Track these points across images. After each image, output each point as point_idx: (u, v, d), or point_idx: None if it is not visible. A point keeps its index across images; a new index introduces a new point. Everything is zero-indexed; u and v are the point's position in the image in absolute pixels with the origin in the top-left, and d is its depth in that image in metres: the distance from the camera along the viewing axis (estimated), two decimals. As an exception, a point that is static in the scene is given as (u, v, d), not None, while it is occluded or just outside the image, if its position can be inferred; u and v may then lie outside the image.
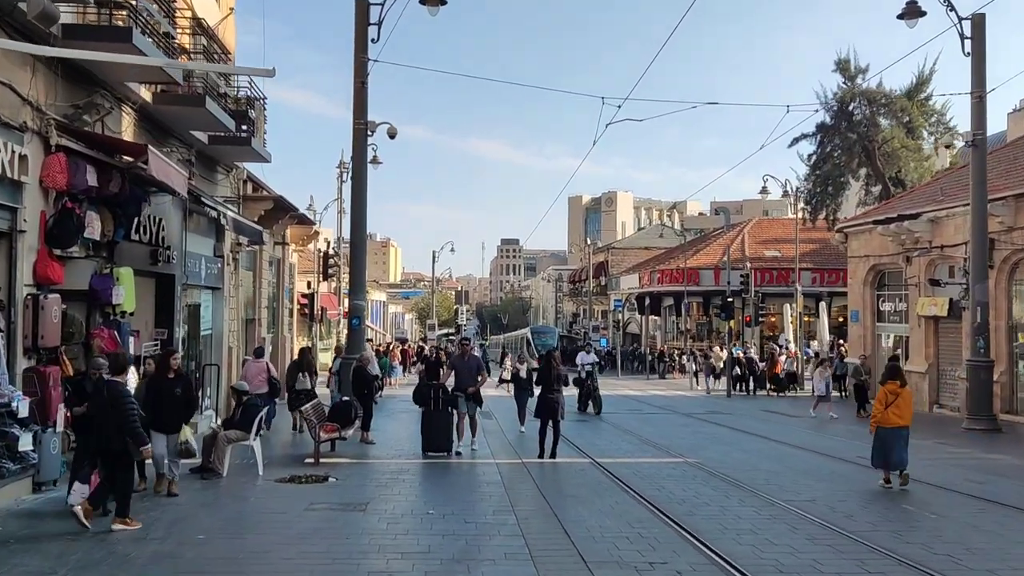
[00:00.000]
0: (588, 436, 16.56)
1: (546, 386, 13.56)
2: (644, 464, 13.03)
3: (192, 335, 17.55)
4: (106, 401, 8.26)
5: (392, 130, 18.09)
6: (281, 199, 20.65)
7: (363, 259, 17.62)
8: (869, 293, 27.56)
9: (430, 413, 13.60)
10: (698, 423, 20.00)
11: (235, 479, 10.94)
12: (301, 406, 14.51)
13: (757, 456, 14.13)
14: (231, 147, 16.43)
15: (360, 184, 17.46)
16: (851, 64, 37.49)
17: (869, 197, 44.93)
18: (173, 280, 14.75)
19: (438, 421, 13.52)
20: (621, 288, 61.58)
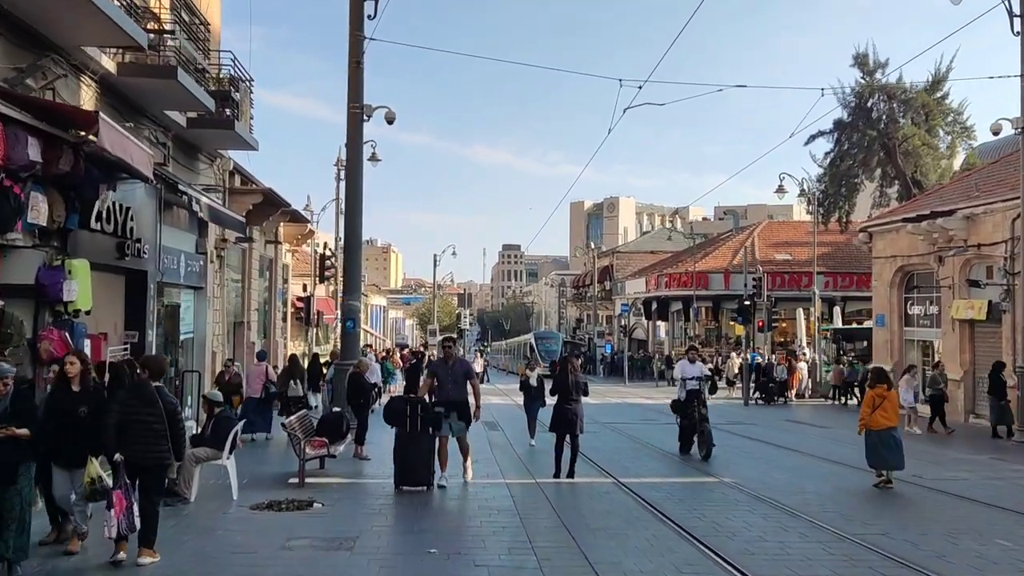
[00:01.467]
0: (606, 451, 14.98)
1: (563, 396, 12.00)
2: (675, 485, 11.47)
3: (171, 339, 16.03)
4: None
5: (390, 115, 16.57)
6: (271, 192, 19.12)
7: (358, 256, 16.11)
8: (896, 296, 26.01)
9: (405, 436, 10.66)
10: (723, 435, 18.33)
11: (204, 505, 9.39)
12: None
13: (799, 475, 12.56)
14: (213, 131, 14.91)
15: (355, 174, 15.96)
16: (870, 58, 35.98)
17: (884, 199, 43.46)
18: (146, 277, 13.22)
19: (416, 446, 10.62)
20: (626, 293, 60.02)
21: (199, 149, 15.93)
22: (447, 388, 10.88)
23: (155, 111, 13.17)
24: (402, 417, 10.72)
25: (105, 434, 7.15)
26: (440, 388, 10.97)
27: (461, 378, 10.97)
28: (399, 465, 10.68)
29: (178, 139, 14.78)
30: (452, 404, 10.82)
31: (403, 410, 10.79)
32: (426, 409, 10.75)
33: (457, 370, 11.01)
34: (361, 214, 16.11)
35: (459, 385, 10.94)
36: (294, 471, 11.07)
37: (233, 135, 15.23)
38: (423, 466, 10.66)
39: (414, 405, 10.85)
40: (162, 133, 13.84)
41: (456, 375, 10.94)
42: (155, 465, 7.30)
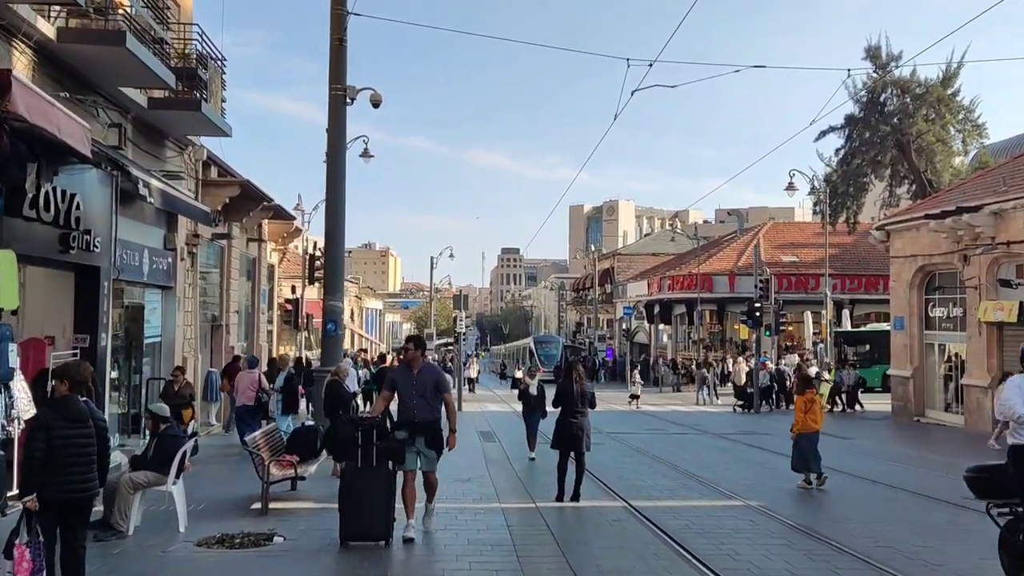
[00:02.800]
0: (613, 467, 13.55)
1: (566, 407, 10.54)
2: (695, 509, 10.02)
3: (134, 343, 14.62)
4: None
5: (376, 97, 15.12)
6: (249, 185, 17.70)
7: (340, 251, 14.65)
8: (916, 297, 24.53)
9: (355, 473, 7.89)
10: (738, 447, 17.01)
11: (142, 540, 7.93)
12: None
13: (836, 498, 11.10)
14: (178, 114, 13.51)
15: (337, 162, 14.52)
16: (882, 51, 34.59)
17: (893, 198, 42.11)
18: (98, 274, 11.78)
19: (369, 486, 7.74)
20: (628, 296, 58.59)
21: (165, 135, 14.51)
22: (411, 405, 8.21)
23: (108, 88, 11.75)
24: (350, 447, 7.98)
25: (29, 468, 5.69)
26: (402, 405, 8.35)
27: (430, 391, 8.22)
28: (345, 512, 7.79)
29: (139, 122, 13.37)
30: (418, 427, 8.13)
31: (352, 437, 7.98)
32: (384, 435, 8.08)
33: (425, 381, 8.23)
34: (344, 205, 14.65)
35: (427, 401, 8.21)
36: (260, 493, 9.62)
37: (202, 119, 13.82)
38: (379, 513, 7.78)
39: (367, 430, 7.98)
40: (119, 114, 12.42)
41: (423, 387, 8.20)
42: (88, 499, 5.90)
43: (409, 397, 8.21)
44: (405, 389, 8.25)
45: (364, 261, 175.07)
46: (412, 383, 8.19)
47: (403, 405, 8.32)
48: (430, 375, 8.35)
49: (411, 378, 8.24)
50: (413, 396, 8.17)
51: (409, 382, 8.23)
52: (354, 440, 7.94)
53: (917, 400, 24.31)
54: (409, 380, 8.24)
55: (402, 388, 8.30)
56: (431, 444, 8.20)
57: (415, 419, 8.13)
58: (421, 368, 8.30)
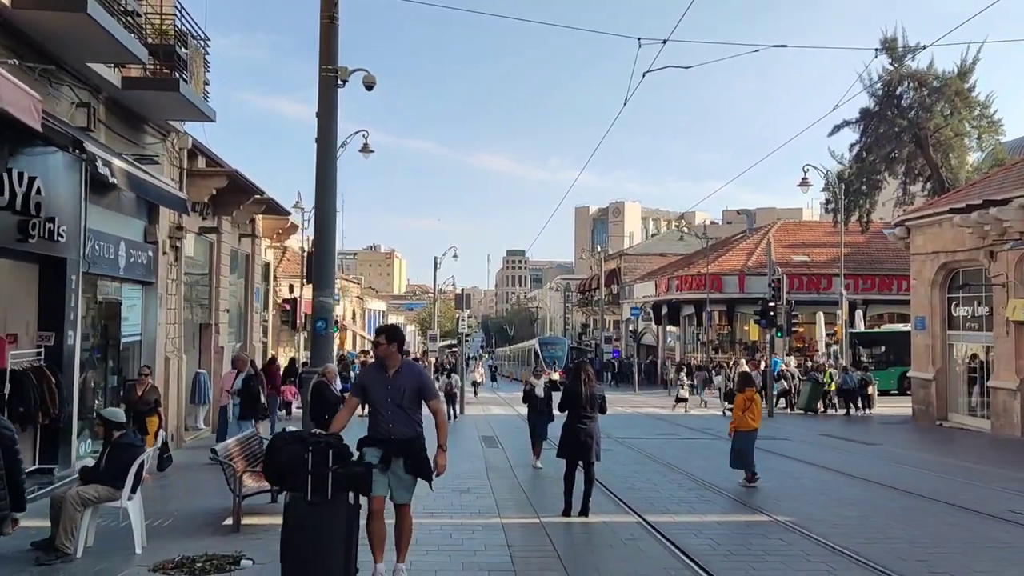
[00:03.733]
0: (623, 476, 12.54)
1: (575, 412, 9.53)
2: (718, 526, 9.00)
3: (111, 342, 13.67)
4: None
5: (370, 79, 14.12)
6: (237, 175, 16.72)
7: (331, 243, 13.62)
8: (939, 296, 23.47)
9: (302, 507, 5.73)
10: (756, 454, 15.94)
11: (91, 564, 6.94)
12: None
13: (873, 510, 10.05)
14: (156, 95, 12.52)
15: (328, 148, 13.49)
16: (898, 43, 33.50)
17: (907, 196, 41.05)
18: (64, 266, 10.83)
19: (321, 523, 5.68)
20: (635, 296, 57.54)
21: (144, 119, 13.54)
22: (385, 417, 6.32)
23: (74, 63, 10.78)
24: (297, 473, 5.71)
25: None
26: (374, 417, 6.42)
27: (411, 398, 6.37)
28: (290, 564, 5.67)
29: (114, 104, 12.41)
30: (395, 446, 6.26)
31: (298, 460, 5.73)
32: (343, 457, 5.87)
33: (403, 385, 6.37)
34: (335, 194, 13.61)
35: (407, 411, 6.34)
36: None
37: (182, 101, 12.83)
38: (336, 564, 5.68)
39: (320, 450, 5.77)
40: (88, 93, 11.46)
41: (401, 393, 6.34)
42: None
43: (383, 406, 6.32)
44: (378, 395, 6.36)
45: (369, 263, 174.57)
46: (387, 388, 6.33)
47: (375, 417, 6.39)
48: (411, 378, 6.40)
49: (385, 381, 6.36)
50: (388, 405, 6.30)
51: (383, 387, 6.36)
52: (302, 463, 5.68)
53: (939, 403, 23.26)
54: (383, 384, 6.36)
55: (374, 394, 6.39)
56: (411, 468, 6.28)
57: (391, 435, 6.25)
58: (399, 368, 6.39)
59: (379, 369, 6.53)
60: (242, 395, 13.60)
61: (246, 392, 13.54)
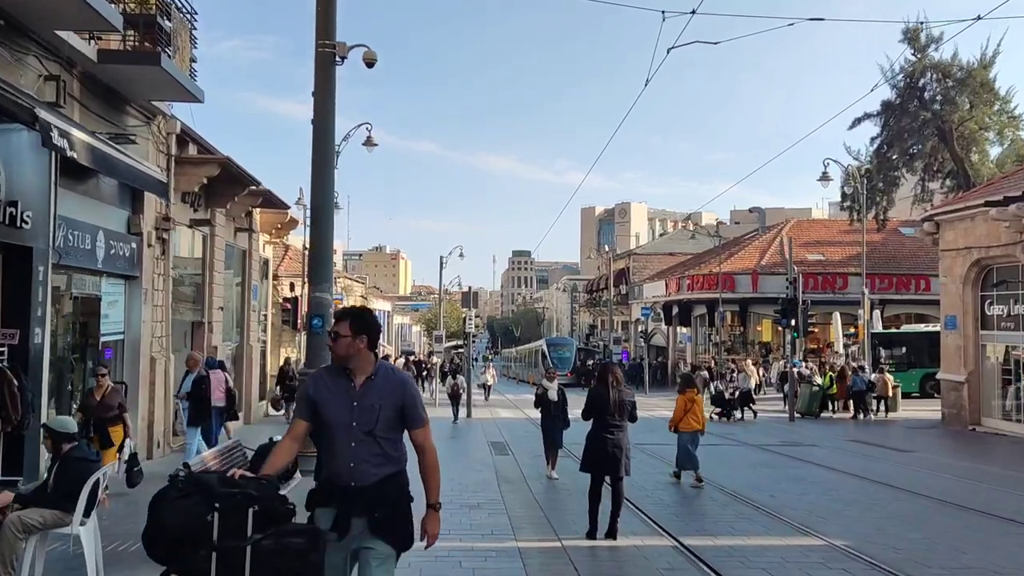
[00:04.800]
0: (649, 489, 11.43)
1: (601, 420, 8.41)
2: (766, 552, 7.87)
3: (89, 340, 12.59)
4: None
5: (370, 56, 13.07)
6: (230, 163, 15.63)
7: (328, 234, 12.60)
8: (971, 294, 22.28)
9: None
10: (786, 462, 14.84)
11: (32, 604, 5.86)
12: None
13: (934, 530, 8.91)
14: (136, 72, 11.42)
15: (325, 130, 12.47)
16: (921, 33, 32.31)
17: (926, 193, 39.87)
18: (31, 256, 9.76)
19: None
20: (644, 297, 56.38)
21: (125, 99, 12.46)
22: (346, 452, 3.99)
23: (42, 30, 9.70)
24: (195, 544, 3.65)
25: None
26: (331, 451, 4.05)
27: (387, 423, 4.05)
28: None
29: (90, 80, 11.33)
30: (357, 498, 3.95)
31: (198, 522, 3.66)
32: (273, 517, 3.73)
33: (374, 401, 4.04)
34: (332, 181, 12.62)
35: (379, 442, 4.02)
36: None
37: (166, 79, 11.73)
38: None
39: (234, 505, 3.68)
40: (60, 66, 10.38)
41: (371, 414, 4.02)
42: None
43: (343, 435, 3.96)
44: (335, 417, 3.98)
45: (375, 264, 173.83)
46: (350, 406, 3.98)
47: (332, 450, 4.00)
48: (389, 391, 4.05)
49: (348, 395, 4.01)
50: (351, 433, 3.95)
51: (344, 404, 3.99)
52: (203, 530, 3.62)
53: (972, 407, 22.07)
54: (344, 400, 4.00)
55: (330, 416, 3.99)
56: (384, 531, 3.94)
57: (352, 482, 3.93)
58: (371, 376, 4.05)
59: (337, 376, 4.05)
60: (192, 398, 12.27)
61: (196, 395, 12.23)
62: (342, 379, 4.07)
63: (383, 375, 4.10)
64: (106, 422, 9.38)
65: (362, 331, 4.07)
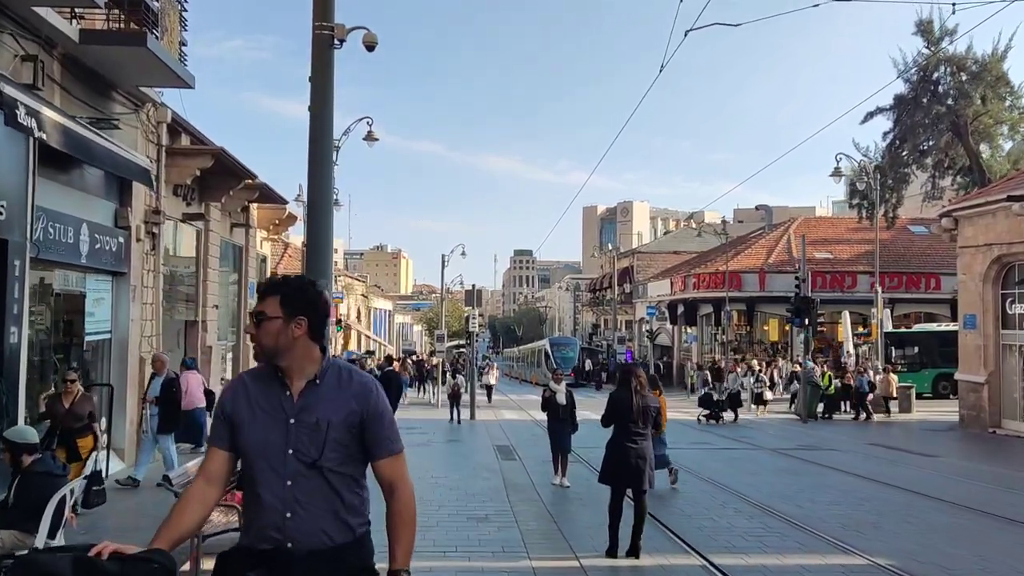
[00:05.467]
0: (668, 497, 10.74)
1: (623, 427, 7.71)
2: (804, 571, 7.16)
3: (74, 340, 11.92)
4: None
5: (370, 38, 12.35)
6: (224, 155, 14.93)
7: (327, 226, 11.83)
8: (991, 292, 21.56)
9: None
10: (808, 467, 14.14)
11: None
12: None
13: (982, 545, 8.20)
14: (119, 52, 10.71)
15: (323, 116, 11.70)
16: (935, 26, 31.57)
17: (936, 191, 39.17)
18: (5, 248, 9.08)
19: None
20: (649, 295, 55.66)
21: (111, 84, 11.77)
22: (275, 492, 2.66)
23: (17, 7, 9.02)
24: None
25: None
26: (257, 493, 2.68)
27: (338, 449, 2.71)
28: None
29: (72, 63, 10.64)
30: (293, 566, 2.62)
31: None
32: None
33: (318, 414, 2.71)
34: (331, 170, 11.87)
35: (326, 479, 2.69)
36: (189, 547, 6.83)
37: (153, 62, 11.04)
38: None
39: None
40: (38, 46, 9.70)
41: (314, 434, 2.69)
42: None
43: (273, 466, 2.68)
44: (261, 441, 2.70)
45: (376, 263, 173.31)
46: (282, 424, 2.70)
47: (257, 493, 2.70)
48: (341, 401, 2.75)
49: (280, 408, 2.73)
50: (285, 463, 2.67)
51: (273, 421, 2.72)
52: None
53: (992, 409, 21.35)
54: (274, 415, 2.72)
55: (253, 439, 2.71)
56: None
57: (287, 542, 2.65)
58: (316, 380, 2.76)
59: (266, 381, 2.78)
60: (161, 404, 11.16)
61: (166, 400, 11.18)
62: (273, 385, 2.74)
63: (334, 378, 2.77)
64: (74, 433, 8.48)
65: (299, 311, 2.71)
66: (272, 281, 2.86)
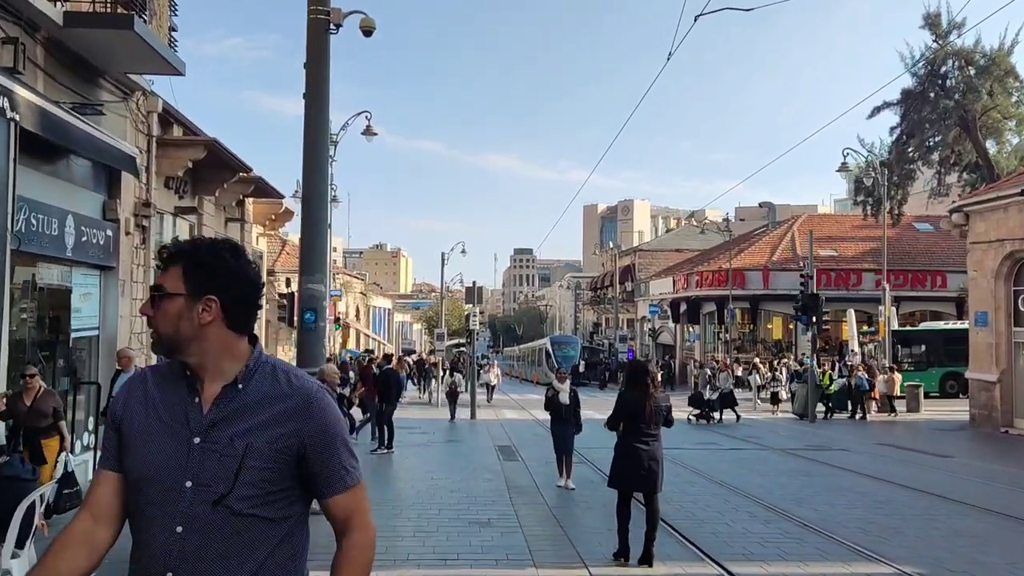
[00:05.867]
0: (677, 499, 10.28)
1: (634, 428, 7.26)
2: (827, 581, 6.74)
3: (59, 337, 11.46)
4: None
5: (368, 22, 11.91)
6: (217, 145, 14.48)
7: (322, 219, 11.47)
8: (1004, 289, 21.12)
9: None
10: (820, 469, 13.69)
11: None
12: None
13: (1016, 553, 7.76)
14: (105, 36, 10.26)
15: (319, 104, 11.31)
16: (943, 19, 31.08)
17: (942, 187, 38.74)
18: (-17, 240, 8.63)
19: None
20: (651, 294, 55.25)
21: (98, 70, 11.31)
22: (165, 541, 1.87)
23: (-5, -15, 8.58)
24: None
25: None
26: (140, 535, 1.92)
27: (265, 482, 1.90)
28: None
29: (57, 47, 10.19)
30: None
31: None
32: None
33: (235, 429, 1.92)
34: (327, 161, 11.49)
35: (237, 528, 1.87)
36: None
37: (142, 48, 10.59)
38: None
39: None
40: (20, 29, 9.25)
41: (226, 459, 1.89)
42: None
43: (163, 502, 1.90)
44: (152, 466, 1.93)
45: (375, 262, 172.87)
46: (182, 443, 1.92)
47: (140, 535, 1.93)
48: (271, 414, 1.95)
49: (183, 421, 1.95)
50: (179, 499, 1.89)
51: (171, 439, 1.94)
52: None
53: (1004, 408, 20.93)
54: (174, 430, 1.95)
55: (141, 461, 1.95)
56: None
57: None
58: (238, 383, 1.98)
59: (171, 383, 2.03)
60: None
61: None
62: (178, 389, 1.99)
63: (264, 382, 1.98)
64: (38, 432, 7.85)
65: (209, 287, 1.95)
66: (176, 246, 2.05)
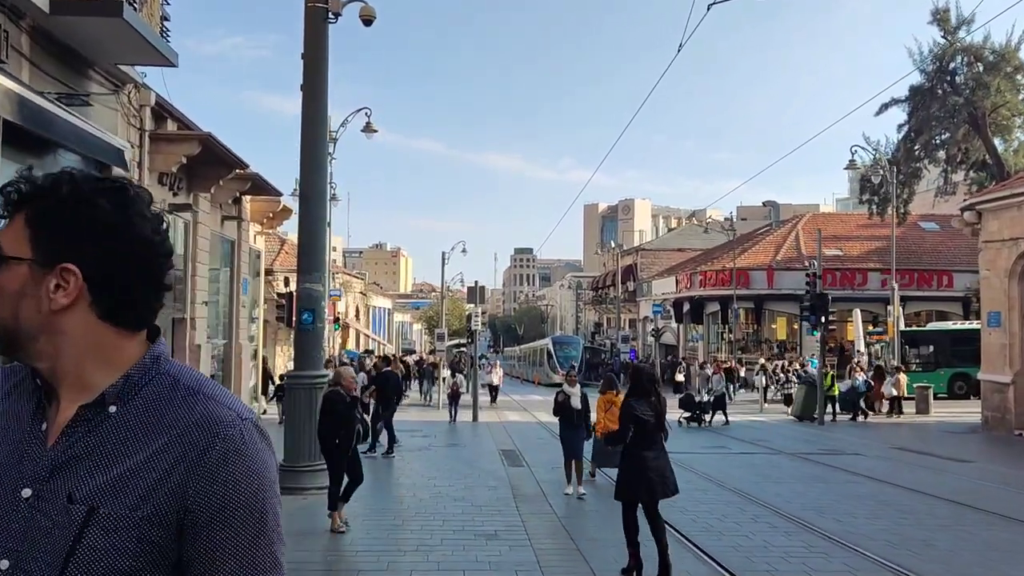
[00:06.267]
0: (691, 508, 9.82)
1: (641, 436, 6.79)
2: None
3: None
4: None
5: (367, 12, 11.48)
6: (212, 140, 14.01)
7: (320, 216, 11.05)
8: (1017, 288, 20.68)
9: None
10: (836, 475, 13.24)
11: None
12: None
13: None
14: (94, 25, 9.79)
15: (317, 96, 10.90)
16: (951, 14, 30.64)
17: (949, 186, 38.26)
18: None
19: None
20: (653, 293, 54.79)
21: (87, 61, 10.86)
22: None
23: (-26, -33, 8.13)
24: None
25: None
26: None
27: (117, 563, 1.13)
28: None
29: (44, 37, 9.74)
30: None
31: None
32: None
33: (80, 478, 1.17)
34: (325, 156, 11.09)
35: None
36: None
37: (132, 38, 10.12)
38: None
39: None
40: (4, 15, 8.80)
41: (60, 523, 1.15)
42: None
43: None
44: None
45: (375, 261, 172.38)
46: (8, 496, 1.18)
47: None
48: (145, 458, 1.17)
49: (16, 457, 1.20)
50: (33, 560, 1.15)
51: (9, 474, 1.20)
52: None
53: (1019, 410, 20.47)
54: (2, 469, 1.21)
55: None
56: None
57: None
58: (111, 400, 1.20)
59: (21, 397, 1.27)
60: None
61: None
62: (24, 406, 1.27)
63: (152, 404, 1.23)
64: None
65: (65, 251, 1.21)
66: (21, 180, 1.25)
